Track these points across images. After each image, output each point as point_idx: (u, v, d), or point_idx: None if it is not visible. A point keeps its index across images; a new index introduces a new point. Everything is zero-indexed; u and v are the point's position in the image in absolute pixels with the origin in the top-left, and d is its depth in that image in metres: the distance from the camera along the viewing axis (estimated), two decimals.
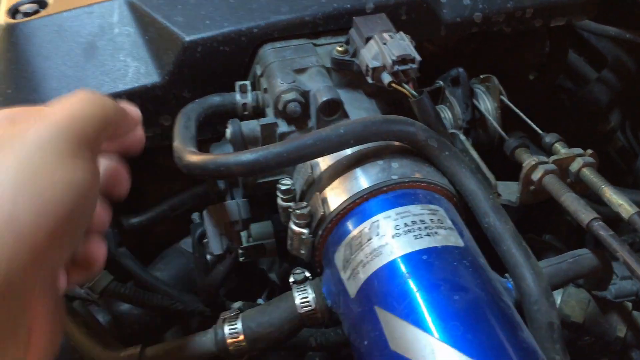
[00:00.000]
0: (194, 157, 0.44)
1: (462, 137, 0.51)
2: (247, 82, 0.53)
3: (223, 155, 0.43)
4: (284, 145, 0.42)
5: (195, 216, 0.63)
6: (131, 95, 0.53)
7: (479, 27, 0.57)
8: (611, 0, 0.74)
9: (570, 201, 0.41)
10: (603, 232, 0.38)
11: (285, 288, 0.47)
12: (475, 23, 0.57)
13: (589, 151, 0.44)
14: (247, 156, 0.42)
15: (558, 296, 0.48)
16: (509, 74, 0.72)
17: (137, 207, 0.69)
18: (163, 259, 0.66)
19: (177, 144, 0.46)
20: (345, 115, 0.50)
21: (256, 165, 0.42)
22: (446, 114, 0.55)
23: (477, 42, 0.69)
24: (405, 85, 0.46)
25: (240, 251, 0.55)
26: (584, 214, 0.40)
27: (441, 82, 0.56)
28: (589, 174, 0.43)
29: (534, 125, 0.50)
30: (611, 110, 0.99)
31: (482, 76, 0.55)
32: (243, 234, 0.55)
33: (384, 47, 0.46)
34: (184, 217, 0.68)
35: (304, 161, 0.44)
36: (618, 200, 0.41)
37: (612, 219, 0.48)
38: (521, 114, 0.52)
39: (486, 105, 0.55)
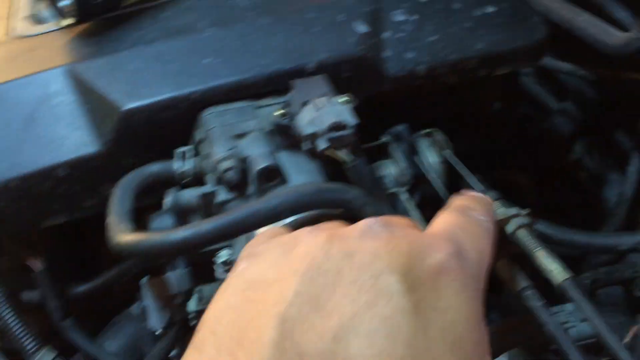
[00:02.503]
0: (123, 237, 0.43)
1: (404, 196, 0.51)
2: (188, 149, 0.52)
3: (152, 236, 0.42)
4: (215, 222, 0.42)
5: (144, 281, 0.62)
6: (71, 165, 0.53)
7: (423, 80, 0.57)
8: (563, 38, 0.75)
9: (503, 268, 0.41)
10: (533, 302, 0.38)
11: None
12: (420, 76, 0.57)
13: (524, 211, 0.44)
14: (176, 236, 0.41)
15: (504, 358, 0.47)
16: (468, 114, 0.73)
17: (90, 272, 0.68)
18: (113, 326, 0.65)
19: (110, 219, 0.46)
20: (284, 180, 0.49)
21: (186, 245, 0.41)
22: (392, 170, 0.55)
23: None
24: (340, 152, 0.46)
25: (191, 315, 0.54)
26: (516, 281, 0.40)
27: (386, 138, 0.56)
28: (524, 236, 0.43)
29: (476, 182, 0.50)
30: (575, 140, 1.00)
31: (425, 131, 0.55)
32: (194, 297, 0.54)
33: (319, 113, 0.46)
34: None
35: (237, 236, 0.44)
36: (549, 266, 0.40)
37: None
38: (463, 170, 0.52)
39: (431, 159, 0.55)
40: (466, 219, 0.33)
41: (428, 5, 0.58)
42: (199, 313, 0.53)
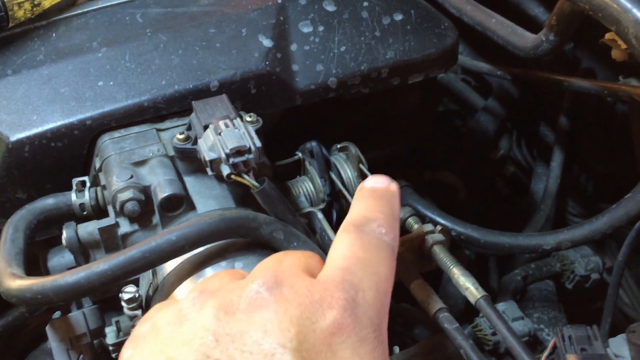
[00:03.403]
0: (11, 283, 0.39)
1: (320, 215, 0.49)
2: (86, 179, 0.49)
3: (40, 281, 0.38)
4: (108, 262, 0.39)
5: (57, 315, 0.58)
6: None
7: (335, 92, 0.56)
8: (479, 39, 0.75)
9: (418, 289, 0.40)
10: (448, 325, 0.37)
11: None
12: (331, 88, 0.55)
13: (439, 227, 0.43)
14: (66, 280, 0.38)
15: None
16: (388, 120, 0.72)
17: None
18: None
19: None
20: (191, 207, 0.47)
21: (78, 290, 0.38)
22: (307, 187, 0.53)
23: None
24: (246, 176, 0.44)
25: (111, 347, 0.51)
26: (430, 304, 0.38)
27: (300, 154, 0.54)
28: (439, 253, 0.42)
29: None
30: (500, 137, 1.01)
31: (339, 145, 0.54)
32: (111, 330, 0.50)
33: (219, 138, 0.43)
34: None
35: (134, 275, 0.41)
36: (465, 284, 0.40)
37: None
38: None
39: (347, 174, 0.53)
40: (364, 242, 0.32)
41: (335, 15, 0.56)
42: (118, 345, 0.50)
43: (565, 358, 0.38)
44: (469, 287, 0.39)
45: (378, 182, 0.37)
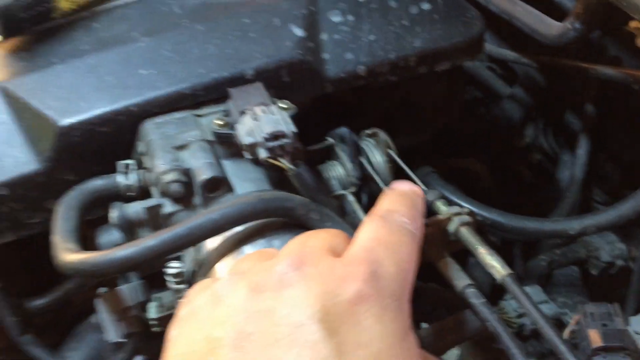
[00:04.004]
0: (67, 257, 0.43)
1: (351, 197, 0.51)
2: (131, 162, 0.52)
3: (95, 255, 0.42)
4: (157, 238, 0.42)
5: (99, 292, 0.62)
6: (12, 184, 0.52)
7: (364, 80, 0.58)
8: (505, 27, 0.76)
9: (445, 267, 0.42)
10: (475, 300, 0.39)
11: None
12: (360, 76, 0.57)
13: (466, 209, 0.45)
14: (119, 254, 0.41)
15: (456, 351, 0.48)
16: (414, 107, 0.73)
17: (48, 285, 0.68)
18: (76, 336, 0.64)
19: (54, 238, 0.45)
20: (230, 189, 0.49)
21: (130, 262, 0.41)
22: (338, 172, 0.55)
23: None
24: (282, 160, 0.46)
25: (154, 322, 0.54)
26: (457, 280, 0.41)
27: (331, 140, 0.56)
28: (466, 234, 0.44)
29: (418, 181, 0.51)
30: (526, 125, 1.02)
31: (369, 131, 0.56)
32: (154, 303, 0.54)
33: (256, 124, 0.46)
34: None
35: (181, 250, 0.43)
36: (491, 262, 0.42)
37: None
38: (406, 169, 0.53)
39: (376, 159, 0.55)
40: (387, 228, 0.34)
41: (364, 5, 0.58)
42: (160, 320, 0.53)
43: (587, 333, 0.40)
44: (495, 265, 0.41)
45: (402, 184, 0.40)
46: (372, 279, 0.30)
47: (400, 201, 0.37)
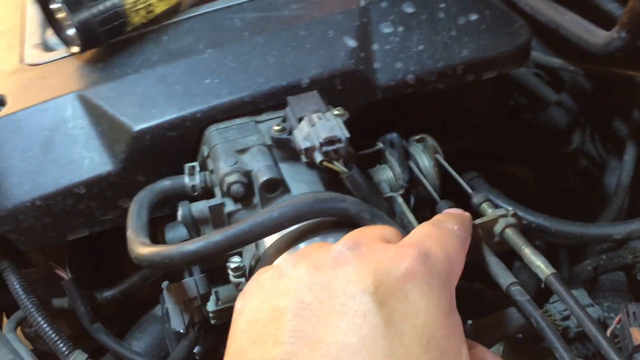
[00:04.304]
0: (142, 250, 0.47)
1: (400, 200, 0.54)
2: (195, 164, 0.56)
3: (167, 248, 0.46)
4: (222, 234, 0.46)
5: (165, 285, 0.66)
6: (89, 184, 0.57)
7: (413, 88, 0.61)
8: (552, 35, 0.77)
9: (492, 265, 0.44)
10: (519, 297, 0.41)
11: None
12: (410, 85, 0.60)
13: (511, 212, 0.47)
14: (188, 248, 0.45)
15: (499, 347, 0.51)
16: (461, 114, 0.75)
17: (115, 277, 0.73)
18: (139, 326, 0.69)
19: (129, 233, 0.50)
20: (287, 190, 0.53)
21: (198, 255, 0.45)
22: (387, 175, 0.58)
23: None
24: (336, 163, 0.49)
25: (211, 314, 0.58)
26: (503, 278, 0.43)
27: (381, 145, 0.59)
28: (511, 235, 0.46)
29: (465, 185, 0.53)
30: (572, 131, 1.02)
31: (417, 137, 0.58)
32: (212, 299, 0.58)
33: (313, 129, 0.49)
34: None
35: (243, 246, 0.47)
36: (536, 262, 0.44)
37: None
38: (454, 174, 0.55)
39: (424, 163, 0.58)
40: (437, 228, 0.37)
41: (414, 16, 0.61)
42: (218, 313, 0.57)
43: (629, 331, 0.41)
44: (539, 264, 0.43)
45: (453, 210, 0.44)
46: (421, 259, 0.33)
47: (451, 216, 0.40)
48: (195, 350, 0.65)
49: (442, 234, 0.37)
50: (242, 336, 0.34)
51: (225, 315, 0.57)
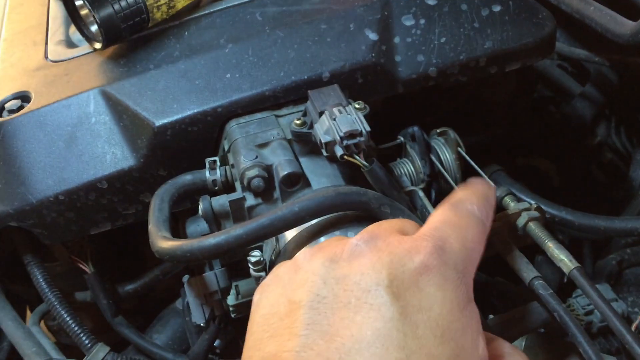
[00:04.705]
0: (163, 244, 0.47)
1: (421, 194, 0.54)
2: (216, 159, 0.56)
3: (188, 242, 0.46)
4: (243, 228, 0.46)
5: (185, 279, 0.67)
6: (111, 179, 0.57)
7: (435, 81, 0.60)
8: (578, 26, 0.76)
9: (514, 259, 0.44)
10: (542, 291, 0.41)
11: None
12: (431, 77, 0.60)
13: (534, 205, 0.47)
14: (209, 242, 0.45)
15: (522, 342, 0.50)
16: (484, 106, 0.75)
17: (136, 271, 0.74)
18: (160, 320, 0.70)
19: (150, 227, 0.50)
20: (307, 184, 0.53)
21: (219, 249, 0.45)
22: (408, 169, 0.58)
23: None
24: (357, 157, 0.49)
25: (231, 308, 0.58)
26: (526, 272, 0.42)
27: (402, 138, 0.59)
28: (534, 228, 0.46)
29: (486, 178, 0.52)
30: (597, 123, 1.00)
31: (438, 130, 0.58)
32: (232, 291, 0.58)
33: (334, 123, 0.49)
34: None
35: (265, 239, 0.47)
36: (559, 256, 0.43)
37: None
38: (476, 167, 0.54)
39: (445, 157, 0.57)
40: (456, 213, 0.37)
41: (435, 9, 0.60)
42: (238, 307, 0.57)
43: None
44: (563, 258, 0.43)
45: (477, 180, 0.42)
46: (436, 252, 0.33)
47: (473, 193, 0.39)
48: (216, 344, 0.66)
49: (460, 219, 0.36)
50: (259, 329, 0.34)
51: (245, 309, 0.57)
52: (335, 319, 0.31)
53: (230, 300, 0.57)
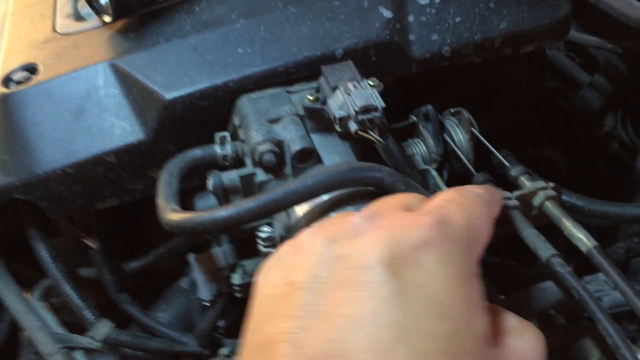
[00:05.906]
0: (173, 216, 0.47)
1: (434, 172, 0.53)
2: (227, 134, 0.56)
3: (199, 214, 0.45)
4: (255, 201, 0.45)
5: (191, 257, 0.66)
6: (119, 152, 0.57)
7: (449, 61, 0.59)
8: (590, 12, 0.75)
9: (531, 237, 0.43)
10: (561, 269, 0.40)
11: None
12: (445, 57, 0.59)
13: (551, 184, 0.46)
14: (220, 214, 0.45)
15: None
16: (495, 91, 0.74)
17: (141, 249, 0.73)
18: (164, 299, 0.69)
19: (160, 201, 0.50)
20: (318, 160, 0.52)
21: (230, 222, 0.45)
22: (421, 148, 0.57)
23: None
24: (371, 132, 0.48)
25: (236, 288, 0.58)
26: (543, 250, 0.42)
27: (414, 118, 0.58)
28: (551, 207, 0.45)
29: (501, 158, 0.52)
30: (605, 114, 1.00)
31: (452, 110, 0.57)
32: (238, 271, 0.57)
33: (348, 98, 0.48)
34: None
35: (276, 213, 0.47)
36: (577, 234, 0.42)
37: None
38: (490, 146, 0.54)
39: (458, 137, 0.57)
40: (461, 194, 0.36)
41: None
42: (243, 286, 0.57)
43: None
44: (581, 237, 0.42)
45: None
46: (438, 226, 0.32)
47: (479, 185, 0.39)
48: (220, 324, 0.66)
49: (466, 198, 0.36)
50: (259, 311, 0.34)
51: (250, 289, 0.57)
52: (332, 299, 0.31)
53: (236, 279, 0.57)
